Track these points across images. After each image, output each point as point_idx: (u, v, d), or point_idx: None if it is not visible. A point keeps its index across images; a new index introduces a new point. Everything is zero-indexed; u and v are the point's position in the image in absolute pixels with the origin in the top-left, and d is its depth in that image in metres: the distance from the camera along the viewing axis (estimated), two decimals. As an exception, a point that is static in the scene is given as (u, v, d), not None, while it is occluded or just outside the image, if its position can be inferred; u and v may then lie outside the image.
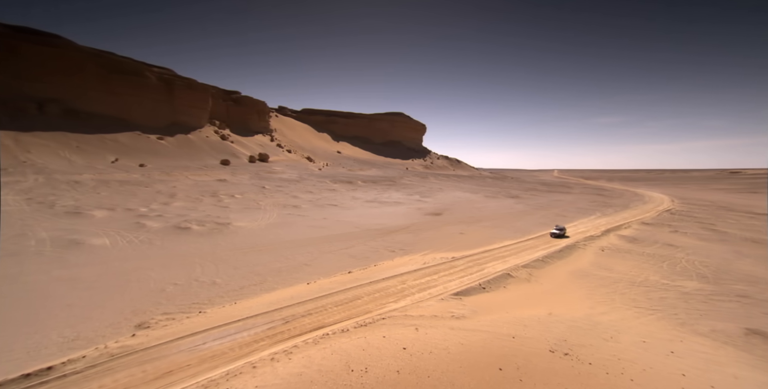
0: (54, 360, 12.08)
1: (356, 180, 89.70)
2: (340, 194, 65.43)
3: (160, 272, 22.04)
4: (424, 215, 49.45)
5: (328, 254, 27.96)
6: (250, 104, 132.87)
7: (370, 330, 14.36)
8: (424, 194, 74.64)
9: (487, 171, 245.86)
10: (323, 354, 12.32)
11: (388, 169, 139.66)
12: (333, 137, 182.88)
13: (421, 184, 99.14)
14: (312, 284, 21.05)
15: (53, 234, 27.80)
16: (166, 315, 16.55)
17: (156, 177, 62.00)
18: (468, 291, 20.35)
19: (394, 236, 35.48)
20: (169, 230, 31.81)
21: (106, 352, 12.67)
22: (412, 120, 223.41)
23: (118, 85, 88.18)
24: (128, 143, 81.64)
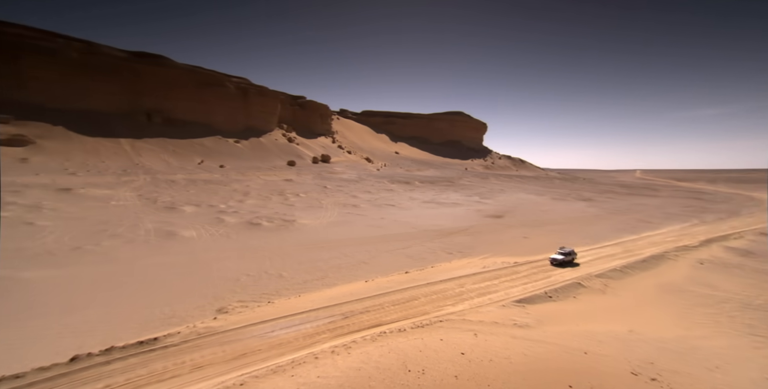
0: (158, 332, 14.14)
1: (414, 181, 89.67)
2: (397, 194, 66.01)
3: (236, 263, 24.46)
4: (484, 217, 47.55)
5: (386, 254, 28.38)
6: (314, 108, 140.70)
7: (427, 332, 14.25)
8: (484, 196, 71.81)
9: (554, 172, 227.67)
10: (381, 352, 12.54)
11: (446, 169, 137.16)
12: (391, 137, 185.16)
13: (480, 185, 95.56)
14: (370, 282, 21.56)
15: (156, 226, 32.51)
16: (240, 302, 18.32)
17: (233, 177, 68.97)
18: (532, 299, 19.07)
19: (452, 237, 34.71)
20: (243, 226, 35.12)
21: (195, 331, 14.44)
22: (472, 119, 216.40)
23: (205, 95, 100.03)
24: (211, 146, 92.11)
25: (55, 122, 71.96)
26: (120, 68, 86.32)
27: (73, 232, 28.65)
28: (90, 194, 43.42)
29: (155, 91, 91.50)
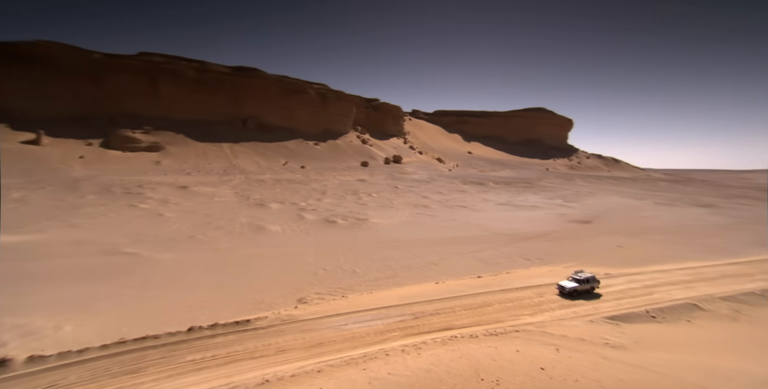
0: (250, 315, 16.03)
1: (487, 182, 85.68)
2: (470, 195, 63.81)
3: (314, 257, 26.35)
4: (568, 221, 43.11)
5: (457, 256, 27.67)
6: (387, 110, 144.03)
7: (501, 341, 13.50)
8: (568, 199, 65.13)
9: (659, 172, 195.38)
10: (451, 356, 12.28)
11: (524, 170, 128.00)
12: (464, 137, 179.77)
13: (564, 186, 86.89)
14: (440, 284, 21.25)
15: (249, 220, 36.85)
16: (318, 294, 19.69)
17: (312, 177, 74.48)
18: (629, 317, 16.66)
19: (530, 243, 32.24)
20: (320, 223, 37.64)
21: (279, 317, 15.98)
22: (555, 115, 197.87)
23: (289, 102, 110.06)
24: (294, 149, 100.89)
25: (178, 131, 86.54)
26: (223, 82, 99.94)
27: (188, 223, 34.08)
28: (200, 191, 51.16)
29: (250, 100, 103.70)
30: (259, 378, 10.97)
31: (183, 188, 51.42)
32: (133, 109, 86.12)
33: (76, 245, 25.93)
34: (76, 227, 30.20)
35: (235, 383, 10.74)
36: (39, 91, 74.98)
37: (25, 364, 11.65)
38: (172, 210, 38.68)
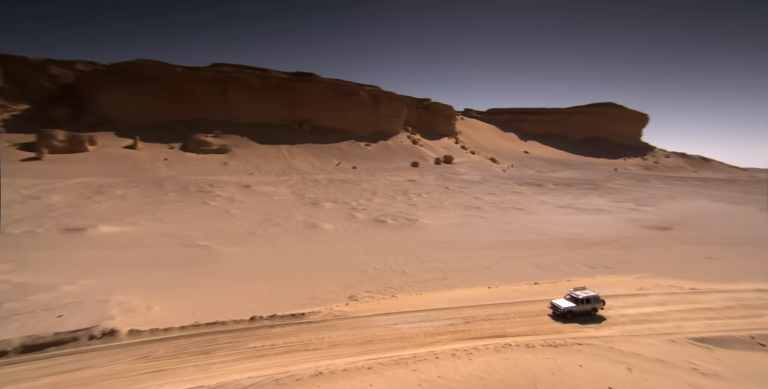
0: (304, 309, 16.87)
1: (546, 183, 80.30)
2: (526, 197, 60.35)
3: (364, 256, 26.88)
4: (641, 227, 38.70)
5: (511, 261, 26.34)
6: (438, 110, 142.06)
7: (561, 354, 12.54)
8: (641, 202, 58.48)
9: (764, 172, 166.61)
10: (505, 365, 11.72)
11: (588, 170, 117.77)
12: (520, 136, 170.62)
13: (636, 189, 78.20)
14: (493, 288, 20.40)
15: (304, 218, 38.80)
16: (368, 292, 20.05)
17: (363, 177, 76.14)
18: (725, 341, 14.44)
19: (595, 249, 29.54)
20: (371, 222, 38.28)
21: (331, 312, 16.58)
22: (626, 110, 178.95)
23: (342, 105, 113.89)
24: (346, 150, 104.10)
25: (242, 134, 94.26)
26: (283, 87, 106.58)
27: (251, 220, 36.88)
28: (261, 190, 55.09)
29: (306, 104, 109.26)
30: (312, 370, 11.49)
31: (246, 187, 55.78)
32: (206, 115, 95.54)
33: (161, 236, 29.48)
34: (160, 221, 34.33)
35: (291, 372, 11.36)
36: (136, 103, 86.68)
37: (127, 336, 13.57)
38: (237, 207, 42.14)
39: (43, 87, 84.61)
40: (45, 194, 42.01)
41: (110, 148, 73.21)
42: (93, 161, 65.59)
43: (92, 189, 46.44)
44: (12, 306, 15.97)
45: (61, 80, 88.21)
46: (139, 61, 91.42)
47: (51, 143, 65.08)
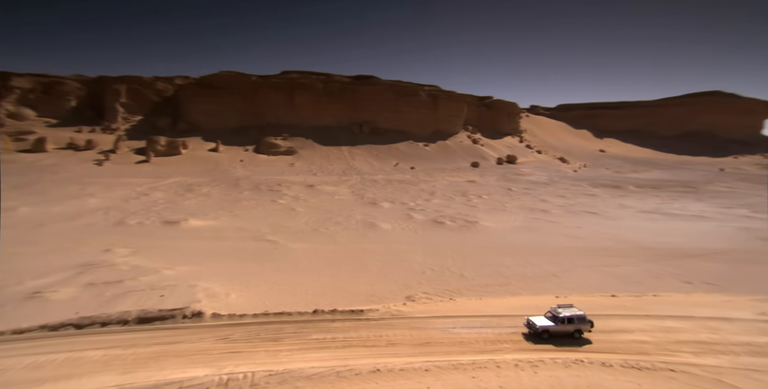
0: (363, 306, 17.38)
1: (626, 184, 71.66)
2: (601, 200, 54.57)
3: (422, 257, 26.74)
4: (756, 239, 32.47)
5: (583, 269, 24.04)
6: (501, 107, 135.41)
7: (647, 379, 11.08)
8: (756, 208, 49.03)
9: None
10: (576, 383, 10.74)
11: (682, 170, 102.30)
12: (594, 133, 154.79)
13: (754, 192, 65.72)
14: (562, 298, 18.80)
15: (363, 217, 39.95)
16: (425, 294, 19.91)
17: (421, 178, 75.79)
18: None
19: (691, 261, 25.55)
20: (428, 223, 37.95)
21: (389, 311, 16.80)
22: (738, 99, 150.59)
23: (401, 106, 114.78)
24: (405, 150, 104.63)
25: (307, 137, 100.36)
26: (345, 91, 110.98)
27: (314, 218, 39.07)
28: (323, 189, 58.04)
29: (366, 106, 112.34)
30: (371, 366, 11.76)
31: (310, 186, 59.23)
32: (276, 119, 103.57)
33: (237, 231, 32.75)
34: (237, 217, 38.15)
35: (350, 366, 11.77)
36: (218, 110, 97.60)
37: (210, 318, 15.36)
38: (302, 206, 44.96)
39: (152, 100, 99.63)
40: (151, 191, 49.37)
41: (198, 151, 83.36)
42: (185, 162, 75.37)
43: (184, 187, 53.33)
44: (129, 284, 19.11)
45: (164, 94, 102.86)
46: (221, 73, 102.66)
47: (156, 147, 76.32)
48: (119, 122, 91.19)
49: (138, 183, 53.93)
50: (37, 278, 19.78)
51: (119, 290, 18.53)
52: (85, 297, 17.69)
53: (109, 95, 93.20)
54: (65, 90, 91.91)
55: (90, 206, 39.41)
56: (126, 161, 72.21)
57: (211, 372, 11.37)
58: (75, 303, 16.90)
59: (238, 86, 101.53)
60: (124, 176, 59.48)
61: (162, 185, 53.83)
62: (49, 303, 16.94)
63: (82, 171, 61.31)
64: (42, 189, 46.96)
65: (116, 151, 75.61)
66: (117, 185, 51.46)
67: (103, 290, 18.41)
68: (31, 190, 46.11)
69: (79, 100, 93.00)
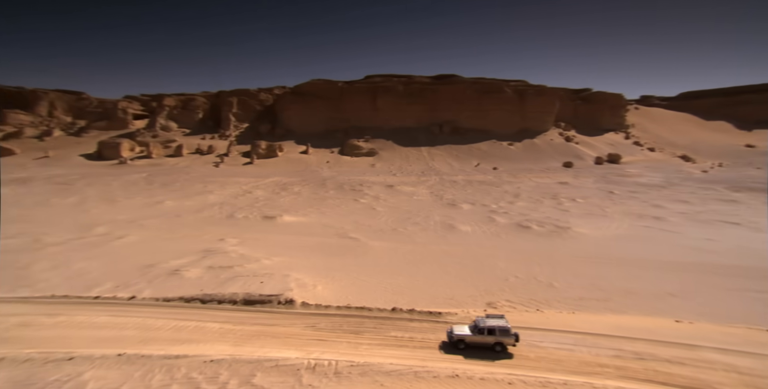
0: (441, 308, 17.14)
1: (783, 187, 56.05)
2: (745, 207, 43.87)
3: (505, 262, 25.14)
4: None
5: (716, 291, 19.68)
6: (601, 100, 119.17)
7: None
8: None
9: None
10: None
11: None
12: (736, 124, 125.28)
13: None
14: (685, 324, 15.68)
15: (441, 219, 39.37)
16: (508, 301, 18.67)
17: (504, 179, 71.30)
18: None
19: None
20: (512, 227, 35.49)
21: (468, 317, 16.20)
22: None
23: (484, 104, 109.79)
24: (486, 150, 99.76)
25: (388, 138, 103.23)
26: (425, 91, 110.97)
27: (393, 217, 39.94)
28: (402, 190, 58.94)
29: (446, 106, 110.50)
30: (449, 371, 11.52)
31: (390, 187, 60.72)
32: (359, 122, 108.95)
33: (323, 227, 35.42)
34: (323, 214, 41.26)
35: (428, 368, 11.71)
36: (308, 115, 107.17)
37: (300, 306, 16.98)
38: (382, 205, 46.35)
39: (256, 109, 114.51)
40: (254, 189, 56.67)
41: (291, 153, 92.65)
42: (281, 164, 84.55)
43: (280, 186, 59.80)
44: (238, 270, 22.28)
45: (266, 103, 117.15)
46: (312, 81, 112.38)
47: (258, 151, 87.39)
48: (231, 129, 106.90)
49: (244, 182, 62.37)
50: (176, 258, 24.42)
51: (230, 274, 21.69)
52: (207, 277, 21.17)
53: (224, 107, 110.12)
54: (195, 105, 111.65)
55: (210, 201, 47.05)
56: (235, 162, 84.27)
57: (300, 356, 12.52)
58: (200, 282, 20.37)
59: (326, 93, 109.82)
60: (234, 175, 69.48)
61: (262, 184, 61.28)
62: (184, 279, 20.76)
63: (205, 172, 73.64)
64: (179, 187, 57.77)
65: (229, 154, 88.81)
66: (229, 184, 60.36)
67: (218, 273, 21.79)
68: (173, 187, 57.11)
69: (204, 112, 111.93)
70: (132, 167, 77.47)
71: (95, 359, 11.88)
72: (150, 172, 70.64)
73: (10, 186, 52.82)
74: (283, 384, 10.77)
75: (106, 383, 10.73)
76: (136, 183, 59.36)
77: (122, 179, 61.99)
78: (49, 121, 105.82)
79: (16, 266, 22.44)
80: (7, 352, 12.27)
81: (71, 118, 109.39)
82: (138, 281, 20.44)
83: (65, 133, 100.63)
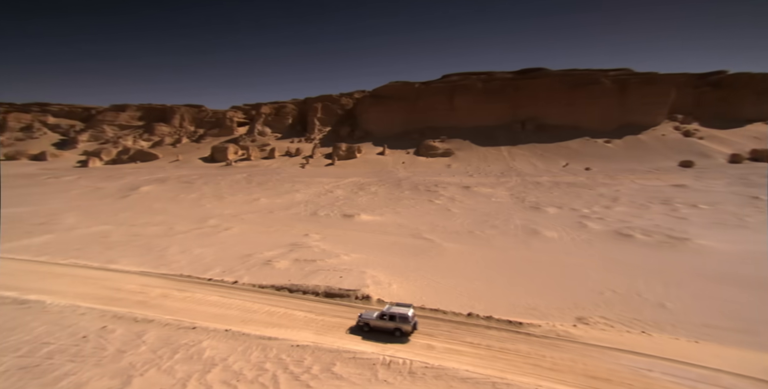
0: (521, 318, 15.96)
1: None
2: None
3: (599, 274, 22.24)
4: None
5: None
6: (738, 84, 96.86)
7: None
8: None
9: None
10: None
11: None
12: None
13: None
14: None
15: (523, 223, 36.67)
16: (604, 318, 16.44)
17: (599, 180, 63.05)
18: None
19: None
20: (609, 234, 31.22)
21: (553, 330, 14.77)
22: None
23: (575, 97, 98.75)
24: (577, 149, 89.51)
25: (465, 138, 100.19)
26: (506, 88, 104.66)
27: (469, 219, 38.57)
28: (479, 191, 56.52)
29: (530, 102, 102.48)
30: (532, 387, 10.65)
31: (466, 188, 58.77)
32: (435, 122, 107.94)
33: (398, 227, 35.99)
34: (398, 214, 41.94)
35: (508, 380, 11.00)
36: (386, 118, 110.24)
37: (376, 303, 17.59)
38: (457, 207, 45.13)
39: (337, 113, 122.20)
40: (334, 189, 60.50)
41: (369, 155, 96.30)
42: (359, 165, 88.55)
43: (358, 186, 62.66)
44: (320, 264, 24.06)
45: (346, 107, 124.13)
46: (389, 84, 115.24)
47: (338, 152, 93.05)
48: (316, 132, 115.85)
49: (326, 182, 66.99)
50: (269, 250, 27.48)
51: (313, 267, 23.50)
52: (293, 269, 23.31)
53: (310, 112, 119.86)
54: (286, 111, 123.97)
55: (296, 200, 51.73)
56: (319, 164, 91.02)
57: (376, 351, 12.92)
58: (288, 273, 22.54)
59: (403, 94, 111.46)
60: (317, 176, 75.15)
61: (342, 184, 65.00)
62: (274, 269, 23.23)
63: (293, 172, 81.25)
64: (272, 186, 64.89)
65: (313, 156, 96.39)
66: (313, 184, 65.53)
67: (303, 266, 23.80)
68: (267, 186, 64.44)
69: (293, 118, 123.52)
70: (236, 168, 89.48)
71: (210, 331, 14.06)
72: (249, 172, 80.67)
73: (154, 184, 65.75)
74: (360, 376, 11.25)
75: (218, 352, 12.60)
76: (239, 182, 68.36)
77: (228, 179, 72.07)
78: (180, 130, 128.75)
79: (158, 249, 27.84)
80: (156, 316, 15.47)
81: (194, 127, 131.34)
82: (239, 268, 23.51)
83: (189, 140, 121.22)
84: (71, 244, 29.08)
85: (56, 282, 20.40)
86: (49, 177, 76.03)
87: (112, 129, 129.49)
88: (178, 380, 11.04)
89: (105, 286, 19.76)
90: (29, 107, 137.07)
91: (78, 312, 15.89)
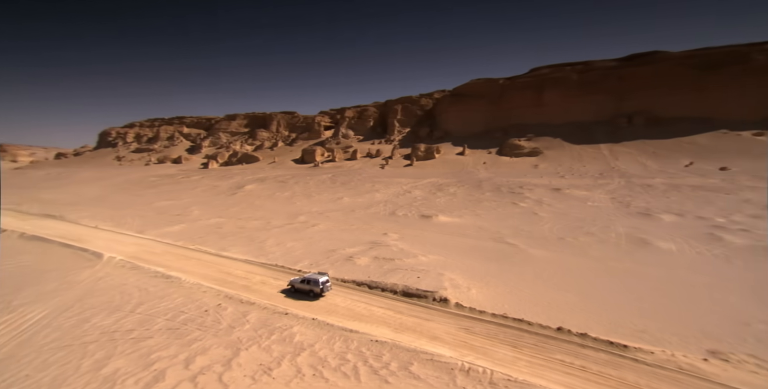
0: (627, 341, 13.79)
1: None
2: None
3: (742, 299, 17.94)
4: None
5: None
6: None
7: None
8: None
9: None
10: None
11: None
12: None
13: None
14: None
15: (627, 230, 31.73)
16: (752, 357, 13.17)
17: (743, 182, 50.77)
18: None
19: None
20: (756, 250, 25.00)
21: (672, 361, 12.40)
22: None
23: (704, 82, 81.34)
24: (707, 144, 73.58)
25: (555, 135, 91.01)
26: (607, 78, 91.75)
27: (560, 224, 34.90)
28: (572, 194, 50.69)
29: (639, 92, 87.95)
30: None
31: (556, 190, 53.32)
32: (521, 120, 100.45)
33: (477, 229, 34.51)
34: (478, 217, 40.19)
35: (609, 410, 9.60)
36: (467, 117, 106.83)
37: (454, 306, 17.17)
38: (546, 211, 41.23)
39: (417, 114, 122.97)
40: (413, 189, 60.98)
41: (448, 155, 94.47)
42: (438, 165, 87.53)
43: (436, 187, 62.01)
44: (398, 263, 24.52)
45: (426, 108, 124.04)
46: (470, 82, 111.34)
47: (417, 153, 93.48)
48: (395, 134, 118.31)
49: (404, 183, 67.86)
50: (350, 247, 29.06)
51: (391, 266, 24.02)
52: (373, 266, 24.18)
53: (390, 114, 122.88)
54: (368, 114, 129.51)
55: (376, 199, 53.56)
56: (398, 164, 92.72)
57: (454, 356, 12.57)
58: (367, 270, 23.48)
59: (485, 92, 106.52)
60: (396, 176, 76.65)
61: (420, 185, 65.06)
62: (355, 265, 24.44)
63: (373, 173, 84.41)
64: (354, 186, 68.51)
65: (392, 157, 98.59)
66: (391, 184, 67.03)
67: (382, 264, 24.51)
68: (349, 186, 68.30)
69: (374, 120, 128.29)
70: (322, 169, 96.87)
71: (299, 318, 15.50)
72: (334, 173, 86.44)
73: (256, 183, 75.37)
74: (437, 379, 11.09)
75: (306, 338, 13.80)
76: (324, 182, 73.81)
77: (316, 179, 78.38)
78: (276, 135, 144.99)
79: (258, 240, 31.81)
80: (257, 299, 17.74)
81: (288, 132, 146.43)
82: (324, 262, 25.35)
83: (284, 143, 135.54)
84: (197, 232, 35.08)
85: (187, 263, 24.84)
86: (183, 177, 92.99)
87: (226, 136, 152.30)
88: (274, 358, 12.41)
89: (219, 270, 23.33)
90: (172, 120, 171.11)
91: (201, 289, 19.12)
